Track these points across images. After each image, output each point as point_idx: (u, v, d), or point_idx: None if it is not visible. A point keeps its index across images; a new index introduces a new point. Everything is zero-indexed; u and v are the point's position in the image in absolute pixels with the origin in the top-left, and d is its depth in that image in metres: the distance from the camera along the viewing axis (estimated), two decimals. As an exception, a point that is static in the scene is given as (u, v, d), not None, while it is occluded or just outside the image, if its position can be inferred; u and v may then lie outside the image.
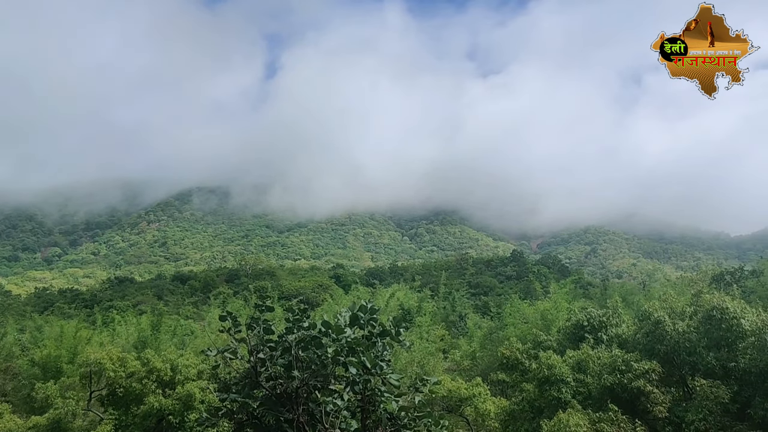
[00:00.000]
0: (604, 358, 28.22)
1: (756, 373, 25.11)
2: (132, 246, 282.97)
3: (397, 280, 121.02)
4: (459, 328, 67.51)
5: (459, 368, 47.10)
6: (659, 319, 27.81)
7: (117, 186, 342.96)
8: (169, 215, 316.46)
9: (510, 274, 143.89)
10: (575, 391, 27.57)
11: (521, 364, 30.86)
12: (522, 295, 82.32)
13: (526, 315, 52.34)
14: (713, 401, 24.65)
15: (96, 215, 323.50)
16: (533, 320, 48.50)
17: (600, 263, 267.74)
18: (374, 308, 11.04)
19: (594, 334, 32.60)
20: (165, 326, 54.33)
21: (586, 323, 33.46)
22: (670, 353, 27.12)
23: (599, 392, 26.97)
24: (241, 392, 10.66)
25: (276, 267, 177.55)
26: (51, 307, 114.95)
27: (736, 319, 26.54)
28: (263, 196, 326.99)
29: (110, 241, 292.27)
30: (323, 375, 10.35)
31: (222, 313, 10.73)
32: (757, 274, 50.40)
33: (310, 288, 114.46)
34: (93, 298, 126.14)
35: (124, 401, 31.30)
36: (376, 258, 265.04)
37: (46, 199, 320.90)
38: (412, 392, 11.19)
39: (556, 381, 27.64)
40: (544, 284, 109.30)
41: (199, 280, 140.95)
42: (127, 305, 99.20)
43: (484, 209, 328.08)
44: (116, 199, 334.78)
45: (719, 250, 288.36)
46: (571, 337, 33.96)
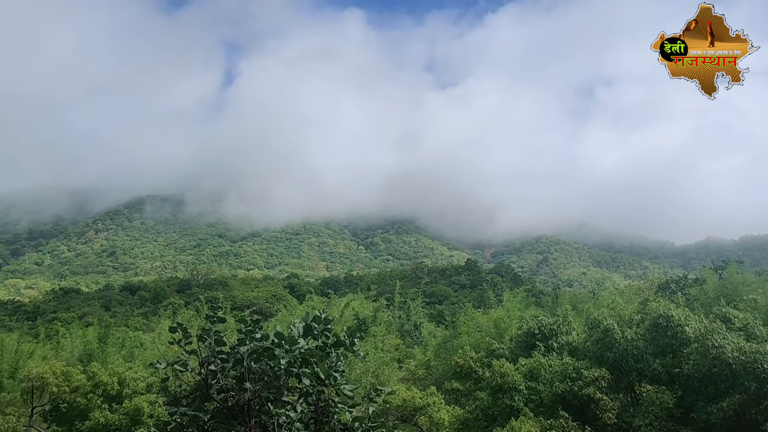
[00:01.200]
0: (555, 365, 28.70)
1: (699, 378, 25.96)
2: (79, 256, 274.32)
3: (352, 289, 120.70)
4: (414, 338, 67.71)
5: (413, 377, 47.18)
6: (608, 327, 28.48)
7: (65, 193, 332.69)
8: (119, 224, 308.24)
9: (464, 283, 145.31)
10: (527, 398, 27.95)
11: (475, 373, 31.14)
12: (476, 304, 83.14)
13: (479, 323, 52.86)
14: (659, 406, 25.34)
15: (40, 224, 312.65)
16: (487, 329, 49.00)
17: (551, 272, 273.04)
18: (328, 318, 10.98)
19: (545, 342, 33.15)
20: (113, 338, 52.87)
21: (538, 331, 34.01)
22: (619, 360, 27.78)
23: (550, 400, 27.40)
24: (192, 405, 10.43)
25: (229, 277, 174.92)
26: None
27: (680, 327, 27.41)
28: (219, 205, 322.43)
29: (55, 251, 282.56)
30: (276, 386, 10.22)
31: (172, 325, 10.48)
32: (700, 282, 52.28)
33: (264, 298, 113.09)
34: (36, 309, 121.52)
35: (68, 417, 30.25)
36: (332, 267, 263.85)
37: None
38: (366, 403, 11.14)
39: (508, 389, 27.98)
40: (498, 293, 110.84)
41: (149, 291, 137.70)
42: (72, 317, 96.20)
43: (440, 218, 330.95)
44: (63, 207, 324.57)
45: (665, 259, 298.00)
46: (523, 345, 34.44)
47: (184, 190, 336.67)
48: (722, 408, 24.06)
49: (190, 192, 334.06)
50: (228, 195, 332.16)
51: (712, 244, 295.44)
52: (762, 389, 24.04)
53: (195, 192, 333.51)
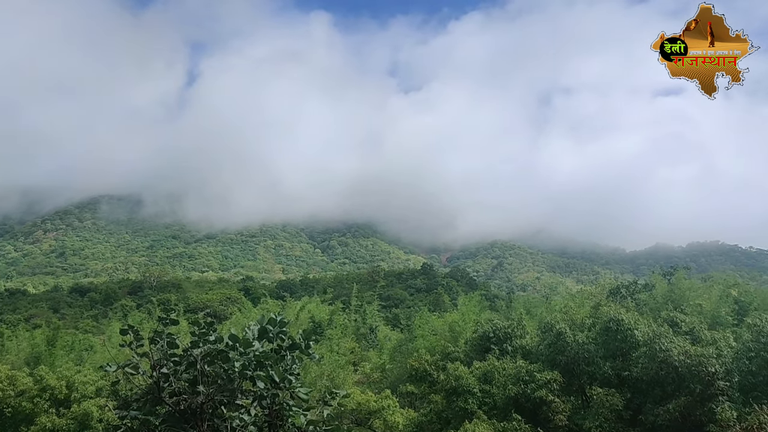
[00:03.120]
0: (509, 368, 29.13)
1: (647, 381, 26.73)
2: (26, 256, 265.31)
3: (308, 292, 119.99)
4: (369, 341, 67.66)
5: (369, 381, 47.18)
6: (561, 331, 29.08)
7: (14, 192, 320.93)
8: (68, 224, 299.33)
9: (420, 287, 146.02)
10: (481, 401, 28.27)
11: (430, 376, 31.34)
12: (431, 308, 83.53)
13: (435, 327, 53.13)
14: (608, 408, 25.98)
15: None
16: (442, 332, 49.28)
17: (506, 277, 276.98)
18: (284, 321, 10.90)
19: (500, 346, 33.59)
20: (61, 341, 51.26)
21: (492, 335, 34.44)
22: (571, 363, 28.38)
23: (504, 402, 27.80)
24: (143, 409, 10.21)
25: (182, 279, 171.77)
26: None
27: (630, 330, 28.18)
28: (177, 206, 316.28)
29: (1, 251, 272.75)
30: (230, 390, 10.09)
31: (123, 327, 10.25)
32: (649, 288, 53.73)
33: (218, 301, 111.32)
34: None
35: (13, 422, 29.23)
36: (288, 270, 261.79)
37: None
38: (320, 406, 11.10)
39: (463, 392, 28.26)
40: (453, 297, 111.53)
41: (99, 293, 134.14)
42: (18, 319, 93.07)
43: (399, 223, 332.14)
44: (12, 206, 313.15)
45: (616, 264, 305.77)
46: (477, 348, 34.82)
47: (142, 190, 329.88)
48: (668, 410, 24.82)
49: (148, 192, 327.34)
50: (187, 196, 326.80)
51: (661, 251, 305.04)
52: (706, 391, 24.90)
53: (153, 193, 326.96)
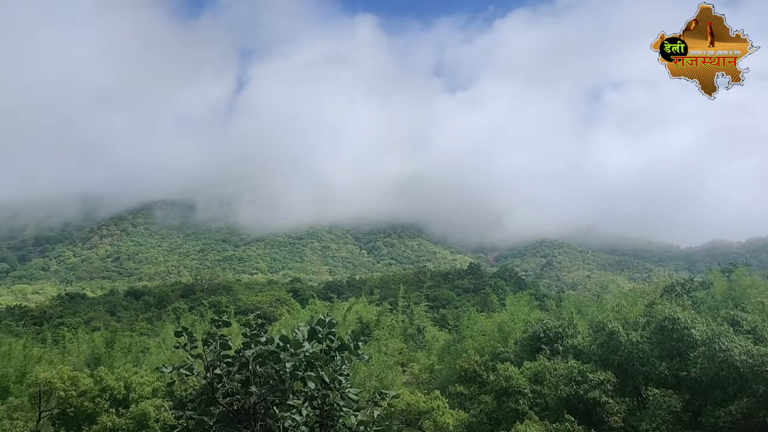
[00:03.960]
0: (560, 369, 28.64)
1: (706, 382, 25.87)
2: (84, 261, 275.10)
3: (355, 293, 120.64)
4: (417, 341, 67.55)
5: (418, 381, 47.09)
6: (613, 330, 28.42)
7: (74, 200, 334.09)
8: (123, 229, 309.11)
9: (467, 287, 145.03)
10: (532, 402, 27.89)
11: (479, 376, 31.09)
12: (479, 308, 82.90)
13: (483, 327, 52.69)
14: (666, 410, 25.25)
15: (47, 229, 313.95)
16: (490, 332, 48.84)
17: (555, 275, 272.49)
18: (332, 322, 10.97)
19: (550, 346, 33.08)
20: (119, 343, 52.98)
21: (543, 335, 33.94)
22: (624, 363, 27.71)
23: (556, 403, 27.34)
24: (197, 409, 10.44)
25: (233, 281, 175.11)
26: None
27: (687, 329, 27.32)
28: (229, 210, 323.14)
29: (61, 257, 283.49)
30: (281, 390, 10.22)
31: (177, 329, 10.51)
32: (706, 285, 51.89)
33: (268, 302, 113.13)
34: (42, 315, 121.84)
35: (75, 421, 30.31)
36: (334, 271, 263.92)
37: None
38: (370, 406, 11.13)
39: (513, 392, 27.92)
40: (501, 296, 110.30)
41: (153, 296, 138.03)
42: (78, 322, 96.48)
43: (445, 223, 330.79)
44: (72, 213, 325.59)
45: (670, 261, 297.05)
46: (528, 348, 34.37)
47: (194, 195, 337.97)
48: (730, 411, 23.98)
49: (200, 197, 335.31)
50: (238, 200, 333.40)
51: (718, 247, 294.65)
52: (769, 392, 23.96)
53: (205, 197, 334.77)
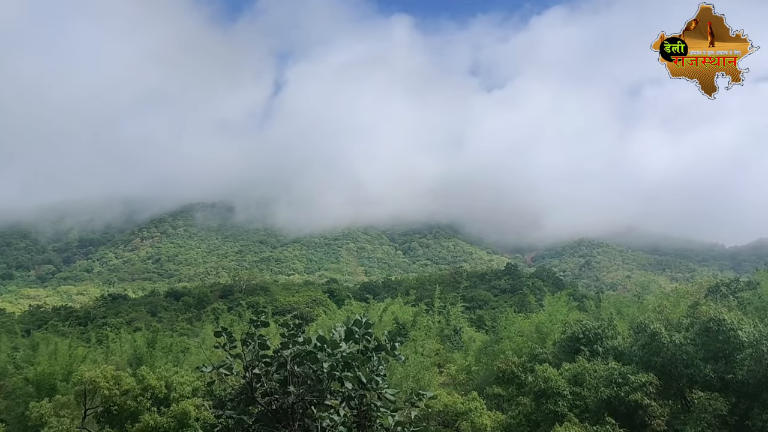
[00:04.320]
0: (600, 370, 28.17)
1: (754, 385, 25.12)
2: (125, 263, 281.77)
3: (391, 294, 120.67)
4: (454, 342, 67.19)
5: (454, 382, 46.83)
6: (655, 331, 27.81)
7: (116, 203, 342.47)
8: (163, 231, 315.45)
9: (504, 288, 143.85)
10: (572, 404, 27.48)
11: (517, 378, 30.77)
12: (517, 308, 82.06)
13: (521, 328, 52.14)
14: (711, 413, 24.61)
15: (90, 232, 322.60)
16: (528, 333, 48.32)
17: (594, 276, 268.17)
18: (369, 323, 10.99)
19: (590, 347, 32.55)
20: (160, 343, 54.02)
21: (582, 336, 33.42)
22: (667, 365, 27.09)
23: (596, 405, 26.89)
24: (237, 409, 10.57)
25: (270, 282, 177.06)
26: (45, 324, 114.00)
27: (733, 331, 26.57)
28: (266, 212, 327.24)
29: (103, 258, 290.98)
30: (319, 390, 10.28)
31: (217, 329, 10.67)
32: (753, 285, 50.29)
33: (304, 303, 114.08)
34: (87, 315, 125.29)
35: (119, 419, 31.07)
36: (370, 272, 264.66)
37: (41, 216, 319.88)
38: (408, 407, 11.12)
39: (552, 394, 27.56)
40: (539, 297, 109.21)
41: (192, 297, 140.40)
42: (120, 322, 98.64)
43: (481, 223, 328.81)
44: (114, 216, 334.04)
45: (714, 261, 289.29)
46: (566, 349, 33.90)
47: (233, 197, 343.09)
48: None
49: (239, 199, 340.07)
50: (276, 202, 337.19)
51: (765, 246, 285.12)
52: (820, 396, 23.14)
53: (243, 199, 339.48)
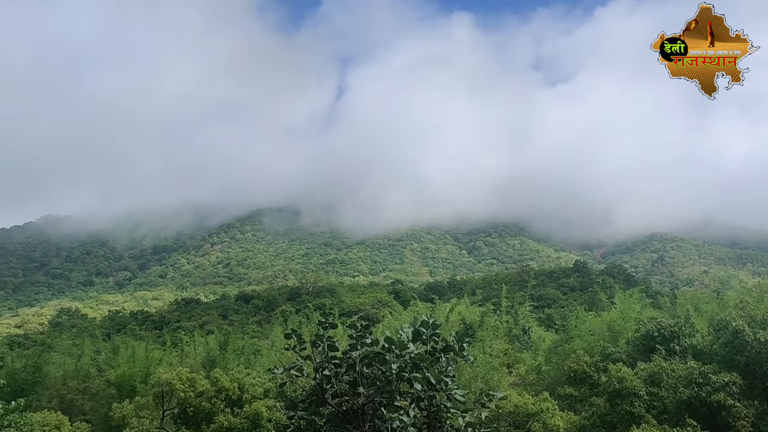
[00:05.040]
0: (678, 370, 27.10)
1: None
2: (197, 268, 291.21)
3: (457, 294, 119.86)
4: (522, 342, 66.04)
5: (524, 383, 46.06)
6: (738, 329, 26.53)
7: (187, 210, 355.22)
8: (232, 236, 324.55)
9: (573, 286, 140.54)
10: (649, 405, 26.54)
11: (590, 378, 30.00)
12: (587, 307, 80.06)
13: (592, 327, 50.79)
14: (801, 414, 23.28)
15: (163, 239, 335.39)
16: (600, 332, 47.02)
17: (668, 271, 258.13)
18: (436, 323, 10.93)
19: (666, 345, 31.37)
20: (232, 345, 55.40)
21: (657, 334, 32.24)
22: (752, 364, 25.79)
23: (675, 406, 25.87)
24: (308, 410, 10.71)
25: (336, 284, 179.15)
26: (123, 329, 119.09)
27: (821, 327, 25.06)
28: (332, 214, 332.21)
29: (176, 264, 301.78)
30: (388, 391, 10.29)
31: (287, 331, 10.84)
32: (843, 279, 47.26)
33: (370, 304, 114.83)
34: (162, 319, 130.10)
35: (195, 420, 32.06)
36: (435, 272, 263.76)
37: (118, 224, 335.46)
38: (478, 408, 10.98)
39: (627, 394, 26.69)
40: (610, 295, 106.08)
41: (262, 299, 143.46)
42: (194, 326, 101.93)
43: (547, 220, 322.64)
44: (185, 222, 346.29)
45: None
46: (641, 348, 32.79)
47: (299, 201, 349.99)
48: None
49: (305, 203, 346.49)
50: (342, 205, 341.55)
51: None
52: None
53: (309, 203, 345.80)
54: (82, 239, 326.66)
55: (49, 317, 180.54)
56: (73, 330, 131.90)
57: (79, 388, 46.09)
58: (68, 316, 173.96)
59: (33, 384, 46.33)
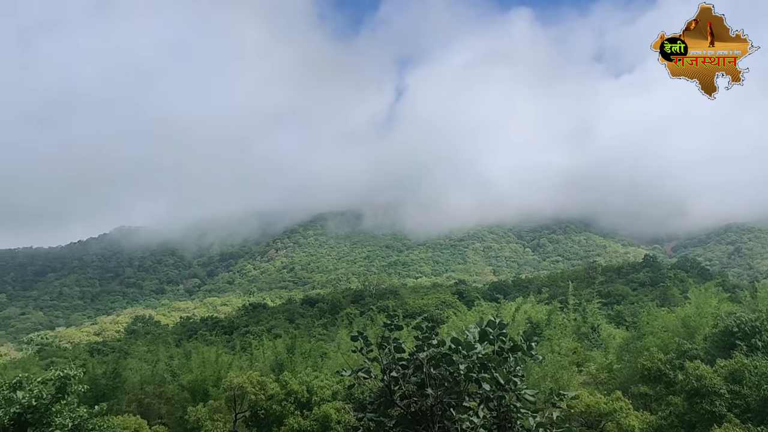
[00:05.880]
0: (762, 366, 25.82)
1: None
2: (263, 273, 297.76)
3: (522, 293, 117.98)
4: (592, 340, 64.36)
5: (595, 381, 44.89)
6: (824, 322, 25.07)
7: (252, 217, 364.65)
8: (295, 241, 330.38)
9: (644, 281, 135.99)
10: (731, 403, 25.38)
11: (665, 376, 28.96)
12: (659, 302, 77.39)
13: (665, 323, 48.99)
14: None
15: (229, 246, 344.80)
16: (674, 328, 45.30)
17: (746, 264, 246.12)
18: (503, 323, 10.81)
19: (747, 341, 29.95)
20: (299, 349, 56.18)
21: (737, 329, 30.83)
22: (841, 359, 24.30)
23: (760, 405, 24.65)
24: (377, 411, 10.77)
25: (399, 286, 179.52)
26: (194, 334, 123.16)
27: None
28: (395, 216, 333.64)
29: (243, 270, 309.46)
30: (457, 392, 10.23)
31: (353, 334, 10.94)
32: None
33: (434, 305, 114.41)
34: (231, 324, 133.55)
35: (266, 423, 32.71)
36: (498, 272, 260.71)
37: (186, 234, 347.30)
38: (548, 408, 10.79)
39: (707, 393, 25.60)
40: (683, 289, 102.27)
41: (326, 303, 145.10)
42: (261, 330, 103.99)
43: (615, 214, 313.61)
44: (250, 229, 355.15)
45: None
46: (719, 344, 31.44)
47: (362, 204, 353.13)
48: None
49: (367, 206, 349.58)
50: (404, 206, 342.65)
51: None
52: None
53: (371, 206, 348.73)
54: (153, 249, 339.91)
55: (125, 325, 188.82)
56: (148, 336, 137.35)
57: (155, 392, 47.70)
58: (142, 323, 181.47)
59: (113, 389, 48.32)
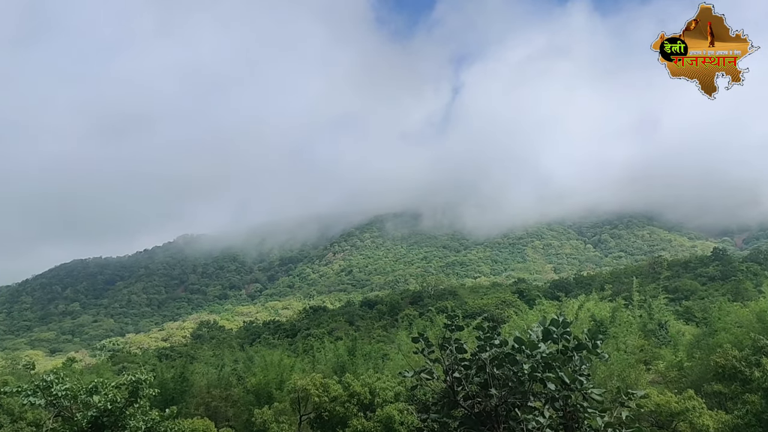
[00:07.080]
0: None
1: None
2: (322, 276, 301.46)
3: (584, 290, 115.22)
4: (659, 337, 62.28)
5: (665, 380, 43.45)
6: None
7: (310, 221, 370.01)
8: (352, 244, 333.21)
9: (713, 275, 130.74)
10: (812, 401, 24.16)
11: (741, 373, 27.82)
12: (731, 297, 74.26)
13: (738, 318, 46.94)
14: None
15: (288, 250, 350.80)
16: (748, 323, 43.30)
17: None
18: (566, 321, 10.66)
19: (829, 336, 28.42)
20: (360, 350, 56.60)
21: (817, 323, 29.30)
22: None
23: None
24: (441, 412, 10.79)
25: (457, 286, 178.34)
26: (258, 338, 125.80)
27: None
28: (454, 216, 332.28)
29: (302, 274, 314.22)
30: (521, 392, 10.15)
31: (413, 335, 11.01)
32: None
33: (494, 305, 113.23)
34: (292, 327, 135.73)
35: (330, 424, 33.08)
36: (559, 269, 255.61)
37: (247, 239, 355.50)
38: (616, 407, 10.56)
39: (786, 391, 24.46)
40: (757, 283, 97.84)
41: (385, 304, 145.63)
42: (323, 332, 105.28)
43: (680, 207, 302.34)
44: (308, 234, 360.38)
45: None
46: (798, 340, 29.93)
47: (420, 205, 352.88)
48: None
49: (426, 206, 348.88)
50: (463, 205, 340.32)
51: None
52: None
53: (430, 206, 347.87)
54: (215, 255, 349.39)
55: (191, 330, 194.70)
56: (213, 341, 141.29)
57: (221, 395, 48.96)
58: (207, 328, 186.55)
59: (181, 393, 49.84)
